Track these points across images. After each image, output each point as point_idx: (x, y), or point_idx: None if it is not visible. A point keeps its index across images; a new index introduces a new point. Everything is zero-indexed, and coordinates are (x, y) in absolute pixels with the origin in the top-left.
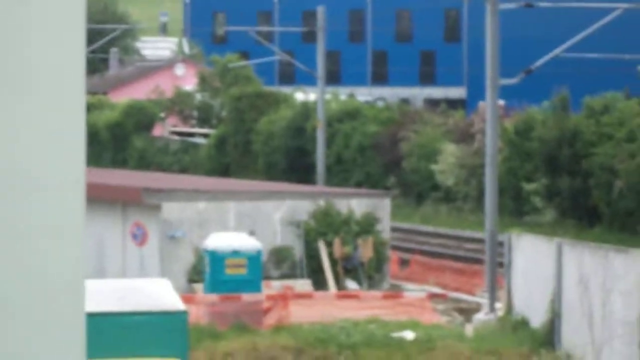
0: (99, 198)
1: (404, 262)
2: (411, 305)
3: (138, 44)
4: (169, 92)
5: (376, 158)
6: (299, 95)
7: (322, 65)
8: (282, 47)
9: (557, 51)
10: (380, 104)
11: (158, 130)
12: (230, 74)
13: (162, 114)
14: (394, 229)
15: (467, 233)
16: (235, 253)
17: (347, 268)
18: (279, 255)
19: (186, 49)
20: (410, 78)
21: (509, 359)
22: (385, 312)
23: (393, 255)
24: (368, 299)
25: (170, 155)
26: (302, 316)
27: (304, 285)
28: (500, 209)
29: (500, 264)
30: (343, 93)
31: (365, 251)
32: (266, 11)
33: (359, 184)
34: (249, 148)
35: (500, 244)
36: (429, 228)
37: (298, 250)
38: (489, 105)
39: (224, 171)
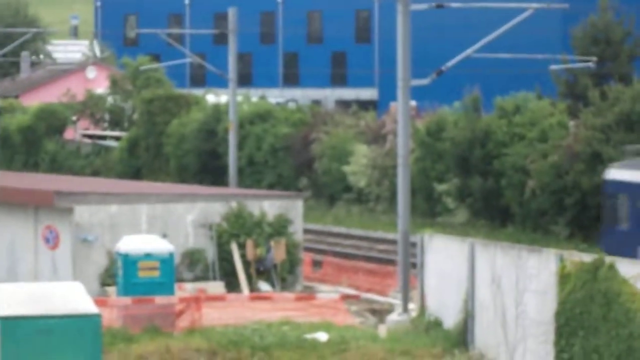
0: (10, 201)
1: (316, 264)
2: (324, 306)
3: (49, 47)
4: (80, 95)
5: (288, 160)
6: (211, 98)
7: (233, 67)
8: (193, 50)
9: (468, 51)
10: (291, 105)
11: (70, 134)
12: (142, 76)
13: (74, 117)
14: (307, 231)
15: (380, 234)
16: (148, 256)
17: (260, 270)
18: (192, 257)
19: (97, 51)
20: (322, 79)
21: None
22: (299, 314)
23: (306, 257)
24: (281, 301)
25: (82, 158)
26: (215, 318)
27: (216, 287)
28: (412, 210)
29: (413, 265)
30: (254, 95)
31: (277, 253)
32: (177, 14)
33: (271, 186)
34: (160, 151)
35: (413, 244)
36: (342, 229)
37: (210, 253)
38: (401, 106)
39: (136, 174)
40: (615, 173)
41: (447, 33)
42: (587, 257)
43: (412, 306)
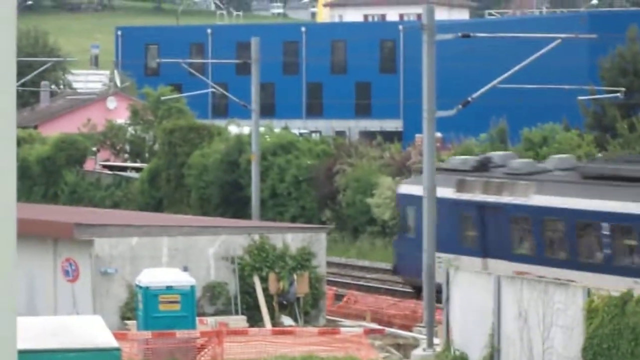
0: (29, 233)
1: (338, 297)
2: (348, 341)
3: (69, 77)
4: (100, 126)
5: (311, 192)
6: (233, 128)
7: (256, 97)
8: (215, 80)
9: (494, 82)
10: (315, 136)
11: (90, 165)
12: (163, 107)
13: (94, 148)
14: (330, 264)
15: None
16: (169, 289)
17: (283, 304)
18: (213, 291)
19: (118, 81)
20: (346, 110)
21: None
22: (322, 349)
23: (329, 291)
24: (304, 335)
25: (102, 189)
26: (237, 353)
27: (238, 321)
28: None
29: (438, 299)
30: (277, 126)
31: (300, 286)
32: (199, 43)
33: (294, 218)
34: (182, 182)
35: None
36: (366, 262)
37: (232, 286)
38: (426, 138)
39: (157, 206)
40: (404, 188)
41: (473, 63)
42: (615, 292)
43: (437, 341)
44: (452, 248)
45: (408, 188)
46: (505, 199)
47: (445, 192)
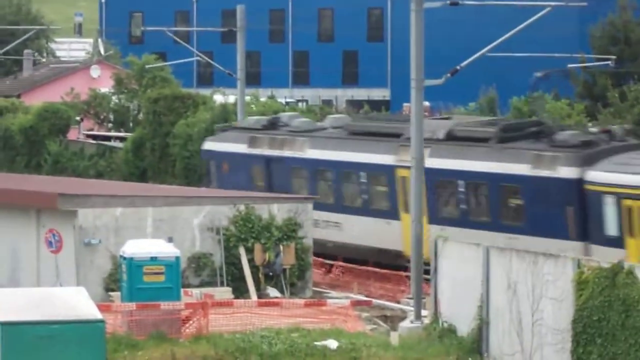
0: (12, 204)
1: (326, 269)
2: (335, 313)
3: (52, 45)
4: (84, 95)
5: None
6: (218, 97)
7: (241, 66)
8: (200, 48)
9: (483, 51)
10: (301, 105)
11: (73, 134)
12: (148, 75)
13: (78, 117)
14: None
15: None
16: (153, 260)
17: (269, 275)
18: (198, 262)
19: (102, 50)
20: (333, 79)
21: None
22: (308, 321)
23: (315, 262)
24: (290, 307)
25: (86, 159)
26: (222, 325)
27: (224, 293)
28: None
29: (426, 271)
30: (263, 95)
31: (287, 258)
32: (184, 11)
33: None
34: (166, 152)
35: None
36: None
37: (218, 257)
38: (414, 107)
39: (141, 176)
40: (207, 144)
41: (462, 31)
42: (606, 263)
43: (425, 313)
44: None
45: (210, 145)
46: (286, 152)
47: (240, 147)
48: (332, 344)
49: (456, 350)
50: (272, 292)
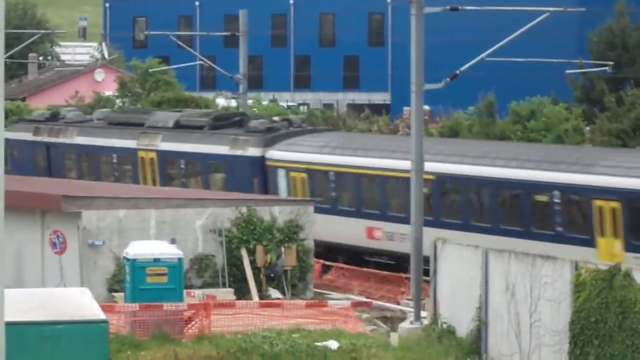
0: (17, 206)
1: (326, 270)
2: (335, 314)
3: (57, 49)
4: (88, 98)
5: None
6: (221, 101)
7: (244, 70)
8: (203, 52)
9: (482, 55)
10: (303, 109)
11: None
12: (151, 79)
13: None
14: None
15: None
16: (156, 261)
17: (270, 276)
18: (201, 263)
19: (106, 53)
20: (334, 83)
21: None
22: (309, 321)
23: (316, 264)
24: (291, 308)
25: None
26: (224, 325)
27: (226, 294)
28: None
29: (426, 272)
30: (265, 98)
31: (288, 259)
32: (187, 15)
33: None
34: None
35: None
36: None
37: (220, 259)
38: (414, 111)
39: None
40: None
41: (462, 37)
42: (603, 265)
43: (425, 314)
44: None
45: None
46: (61, 139)
47: (26, 135)
48: (333, 344)
49: (455, 351)
50: (274, 293)
